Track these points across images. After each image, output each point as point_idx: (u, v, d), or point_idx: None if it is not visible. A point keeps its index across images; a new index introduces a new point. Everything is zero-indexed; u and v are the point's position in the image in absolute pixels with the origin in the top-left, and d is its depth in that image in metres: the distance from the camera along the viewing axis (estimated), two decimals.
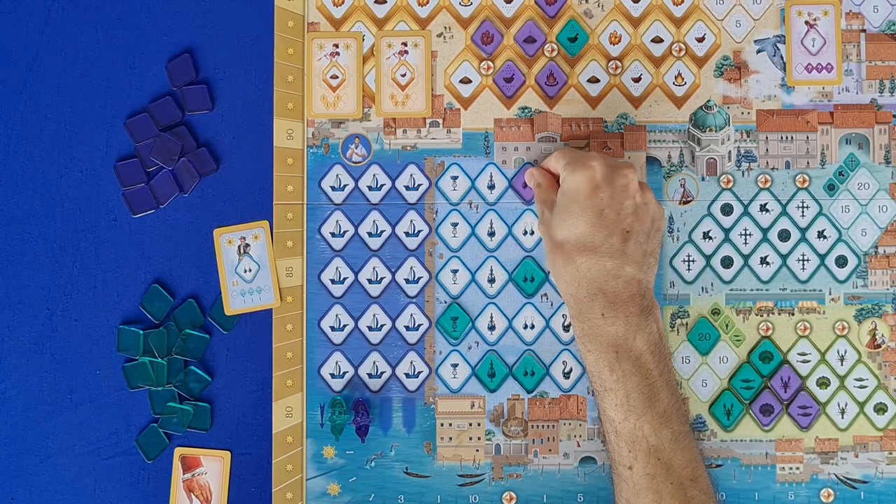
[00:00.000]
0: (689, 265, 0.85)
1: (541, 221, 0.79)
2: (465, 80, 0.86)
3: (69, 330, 0.85)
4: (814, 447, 0.83)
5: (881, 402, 0.84)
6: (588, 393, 0.84)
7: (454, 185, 0.85)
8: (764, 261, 0.85)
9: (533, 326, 0.84)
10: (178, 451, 0.84)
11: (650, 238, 0.77)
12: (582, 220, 0.75)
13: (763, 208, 0.85)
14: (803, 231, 0.85)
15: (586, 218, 0.75)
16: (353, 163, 0.85)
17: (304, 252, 0.85)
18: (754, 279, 0.85)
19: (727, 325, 0.84)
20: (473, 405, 0.84)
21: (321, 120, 0.85)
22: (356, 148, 0.86)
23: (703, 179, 0.85)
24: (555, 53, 0.86)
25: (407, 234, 0.85)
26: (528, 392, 0.84)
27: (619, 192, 0.76)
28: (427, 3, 0.86)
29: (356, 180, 0.85)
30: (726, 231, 0.85)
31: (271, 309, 0.84)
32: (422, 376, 0.84)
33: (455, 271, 0.85)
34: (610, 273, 0.74)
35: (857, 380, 0.84)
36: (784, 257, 0.85)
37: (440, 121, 0.85)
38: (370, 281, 0.85)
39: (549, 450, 0.84)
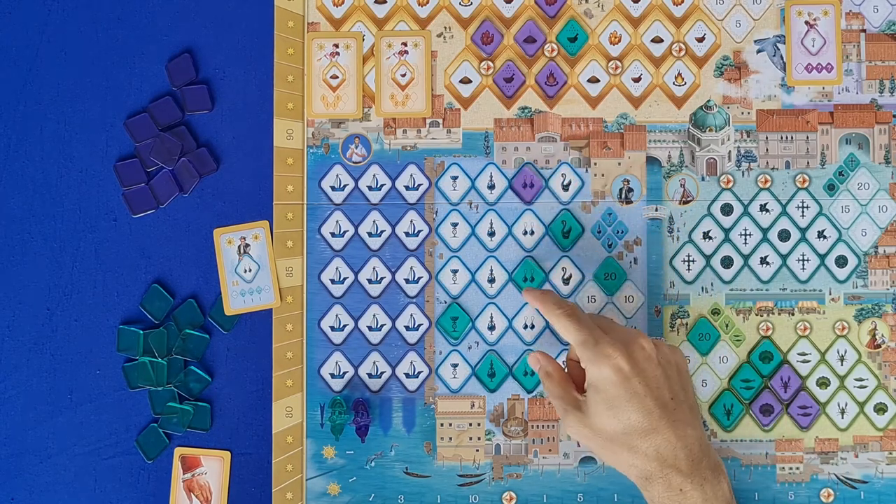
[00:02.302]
0: (689, 265, 0.85)
1: (568, 421, 0.76)
2: (465, 80, 0.86)
3: (69, 330, 0.85)
4: (814, 447, 0.83)
5: (881, 402, 0.84)
6: None
7: (454, 185, 0.85)
8: (764, 261, 0.85)
9: (533, 326, 0.84)
10: (178, 451, 0.84)
11: (686, 389, 0.76)
12: (628, 411, 0.73)
13: (763, 208, 0.85)
14: (803, 231, 0.85)
15: (632, 408, 0.73)
16: (353, 163, 0.86)
17: (304, 252, 0.85)
18: (754, 279, 0.85)
19: (727, 325, 0.84)
20: (473, 405, 0.84)
21: (321, 120, 0.85)
22: (356, 148, 0.86)
23: (703, 179, 0.85)
24: (555, 53, 0.86)
25: (407, 234, 0.85)
26: (528, 392, 0.84)
27: (645, 367, 0.74)
28: (427, 3, 0.86)
29: (356, 180, 0.85)
30: (726, 231, 0.85)
31: (271, 309, 0.84)
32: (422, 376, 0.84)
33: (455, 271, 0.85)
34: (676, 445, 0.73)
35: (857, 380, 0.84)
36: (784, 257, 0.85)
37: (440, 121, 0.85)
38: (370, 281, 0.85)
39: (549, 450, 0.84)
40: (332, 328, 0.85)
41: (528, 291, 0.80)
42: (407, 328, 0.85)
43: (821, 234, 0.85)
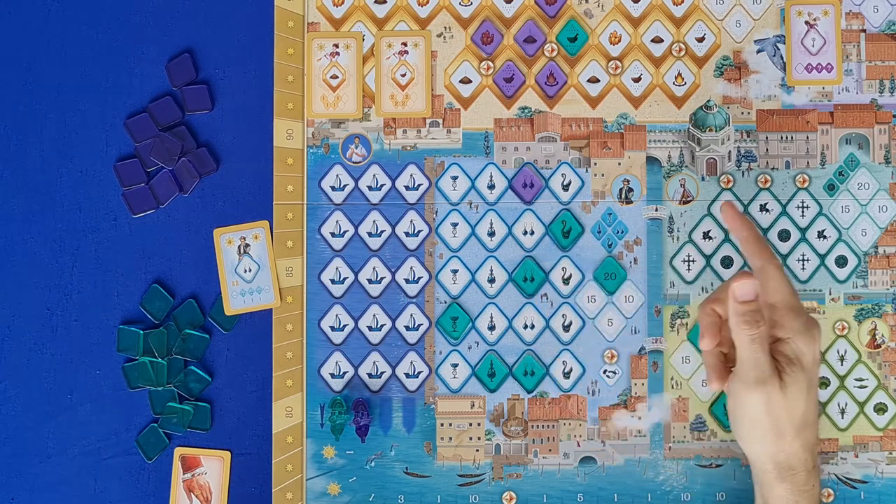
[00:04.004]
0: (689, 265, 0.85)
1: (761, 391, 0.68)
2: (465, 80, 0.86)
3: (69, 330, 0.85)
4: None
5: (881, 402, 0.84)
6: (587, 393, 0.84)
7: (454, 185, 0.85)
8: None
9: (533, 326, 0.84)
10: (178, 451, 0.84)
11: None
12: (813, 397, 0.71)
13: (763, 208, 0.85)
14: (803, 231, 0.85)
15: (814, 395, 0.71)
16: (353, 163, 0.86)
17: (304, 252, 0.85)
18: None
19: None
20: (473, 405, 0.84)
21: (321, 120, 0.85)
22: (356, 148, 0.86)
23: (703, 179, 0.85)
24: (555, 53, 0.86)
25: (407, 234, 0.85)
26: (528, 392, 0.84)
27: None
28: (427, 3, 0.86)
29: (356, 180, 0.85)
30: (726, 231, 0.85)
31: (271, 309, 0.84)
32: (422, 376, 0.84)
33: (455, 271, 0.85)
34: (816, 439, 0.73)
35: (857, 380, 0.84)
36: (784, 257, 0.85)
37: (440, 121, 0.85)
38: (370, 281, 0.85)
39: (549, 450, 0.84)
40: (332, 328, 0.85)
41: (736, 217, 0.72)
42: (407, 328, 0.85)
43: (821, 234, 0.85)
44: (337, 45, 0.86)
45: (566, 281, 0.85)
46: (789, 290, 0.69)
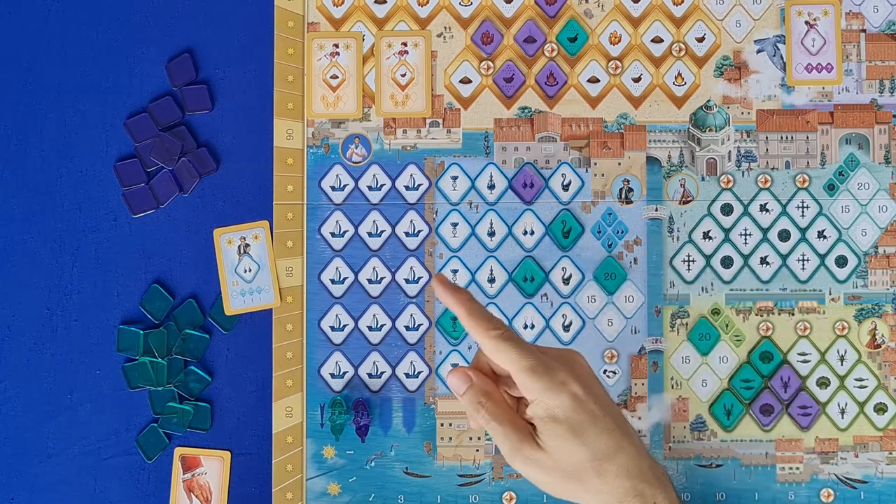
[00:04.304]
0: (689, 265, 0.85)
1: (521, 457, 0.67)
2: (465, 80, 0.86)
3: (69, 330, 0.85)
4: (814, 447, 0.83)
5: (881, 402, 0.84)
6: None
7: (454, 185, 0.85)
8: (764, 261, 0.85)
9: (533, 326, 0.84)
10: (178, 451, 0.84)
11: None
12: (593, 435, 0.66)
13: (763, 208, 0.85)
14: (803, 231, 0.85)
15: (596, 430, 0.66)
16: (353, 163, 0.86)
17: (304, 252, 0.85)
18: (754, 279, 0.85)
19: (727, 325, 0.84)
20: None
21: (321, 120, 0.86)
22: (356, 148, 0.86)
23: (703, 179, 0.85)
24: (555, 53, 0.86)
25: (407, 234, 0.85)
26: None
27: (591, 384, 0.67)
28: (427, 3, 0.86)
29: (356, 180, 0.85)
30: (726, 231, 0.85)
31: (271, 309, 0.84)
32: (422, 376, 0.84)
33: (455, 271, 0.85)
34: (638, 456, 0.67)
35: (857, 380, 0.84)
36: (784, 257, 0.85)
37: (440, 121, 0.85)
38: (370, 281, 0.85)
39: None
40: (332, 328, 0.85)
41: (448, 293, 0.68)
42: (407, 328, 0.85)
43: (821, 234, 0.85)
44: (337, 45, 0.86)
45: (566, 281, 0.85)
46: (518, 354, 0.66)
